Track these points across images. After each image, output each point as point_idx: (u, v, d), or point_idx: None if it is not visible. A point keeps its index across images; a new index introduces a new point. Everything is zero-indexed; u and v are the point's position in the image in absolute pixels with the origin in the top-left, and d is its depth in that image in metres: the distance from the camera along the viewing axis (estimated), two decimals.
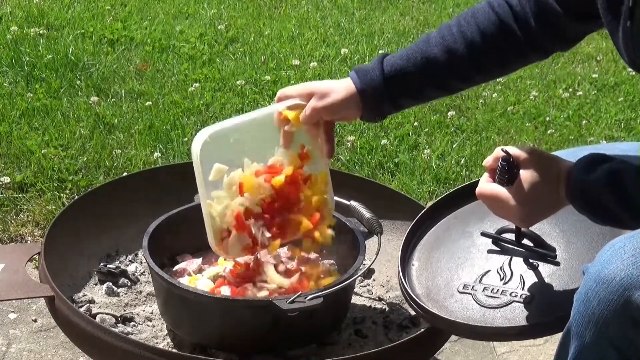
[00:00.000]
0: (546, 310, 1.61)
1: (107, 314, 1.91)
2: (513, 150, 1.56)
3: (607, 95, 3.91)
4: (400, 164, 3.14)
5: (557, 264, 1.66)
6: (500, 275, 1.69)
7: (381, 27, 4.51)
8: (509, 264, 1.70)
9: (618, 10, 1.50)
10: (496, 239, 1.73)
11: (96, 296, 1.97)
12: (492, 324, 1.63)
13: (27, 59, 3.62)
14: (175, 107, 3.41)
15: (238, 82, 3.64)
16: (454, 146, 3.30)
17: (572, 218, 1.62)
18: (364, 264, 1.93)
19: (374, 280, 2.09)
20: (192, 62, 3.86)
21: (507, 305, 1.64)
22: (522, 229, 1.68)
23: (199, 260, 1.96)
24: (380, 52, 4.16)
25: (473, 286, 1.70)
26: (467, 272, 1.73)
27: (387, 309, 1.99)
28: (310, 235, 1.85)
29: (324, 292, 1.74)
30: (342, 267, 1.97)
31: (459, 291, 1.71)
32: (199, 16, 4.42)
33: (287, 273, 1.86)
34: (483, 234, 1.74)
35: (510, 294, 1.65)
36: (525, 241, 1.70)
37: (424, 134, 3.37)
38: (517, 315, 1.62)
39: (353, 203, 1.99)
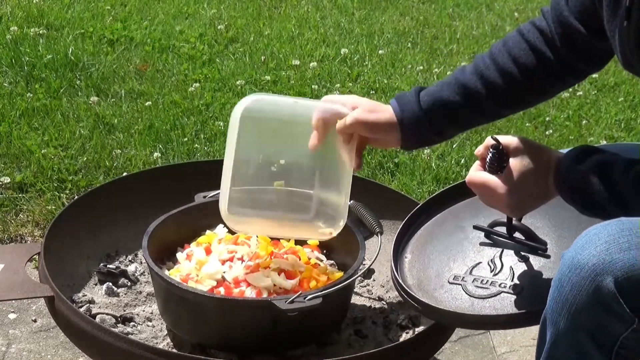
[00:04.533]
0: (534, 300, 1.61)
1: (107, 314, 1.91)
2: (503, 138, 1.57)
3: (607, 95, 3.91)
4: (400, 164, 3.14)
5: (548, 257, 1.67)
6: (490, 267, 1.71)
7: (381, 27, 4.51)
8: (500, 257, 1.72)
9: (618, 13, 1.51)
10: (488, 232, 1.74)
11: (96, 296, 1.97)
12: (479, 312, 1.64)
13: (27, 59, 3.62)
14: (175, 107, 3.41)
15: (238, 82, 3.64)
16: (454, 146, 3.30)
17: (565, 213, 1.63)
18: (364, 264, 1.93)
19: (374, 280, 2.09)
20: (192, 62, 3.86)
21: (495, 295, 1.65)
22: (513, 222, 1.69)
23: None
24: (380, 52, 4.16)
25: (463, 277, 1.71)
26: (458, 264, 1.75)
27: (387, 309, 1.99)
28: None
29: (323, 292, 1.74)
30: (342, 267, 1.97)
31: (449, 282, 1.72)
32: (199, 16, 4.42)
33: (288, 274, 1.86)
34: (475, 227, 1.75)
35: (500, 285, 1.67)
36: (517, 235, 1.71)
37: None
38: (506, 305, 1.63)
39: (353, 203, 1.99)
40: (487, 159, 1.58)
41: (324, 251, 2.02)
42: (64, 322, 1.78)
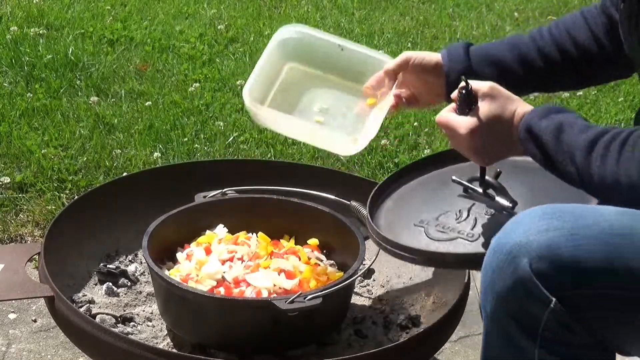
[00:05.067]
0: (486, 247, 1.64)
1: (107, 314, 1.91)
2: (475, 82, 1.59)
3: (607, 95, 3.91)
4: (400, 164, 3.14)
5: (514, 214, 1.69)
6: (456, 216, 1.74)
7: (381, 27, 4.51)
8: (469, 209, 1.75)
9: None
10: (464, 186, 1.77)
11: (96, 296, 1.97)
12: (430, 249, 1.69)
13: (27, 59, 3.62)
14: (175, 107, 3.41)
15: (238, 82, 3.64)
16: None
17: (549, 184, 1.65)
18: (364, 264, 1.93)
19: (374, 280, 2.09)
20: (192, 62, 3.86)
21: (452, 240, 1.70)
22: (488, 178, 1.72)
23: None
24: (380, 52, 4.15)
25: (428, 222, 1.75)
26: (429, 211, 1.79)
27: (387, 309, 1.99)
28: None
29: (323, 292, 1.74)
30: (342, 267, 1.98)
31: (414, 224, 1.76)
32: (199, 16, 4.42)
33: (288, 274, 1.86)
34: (454, 180, 1.78)
35: (459, 232, 1.71)
36: (491, 192, 1.75)
37: (424, 134, 3.37)
38: (458, 248, 1.68)
39: (353, 203, 1.99)
40: (457, 100, 1.60)
41: (324, 251, 2.02)
42: (64, 322, 1.78)
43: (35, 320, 2.33)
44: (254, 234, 2.00)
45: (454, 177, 1.78)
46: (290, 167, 2.35)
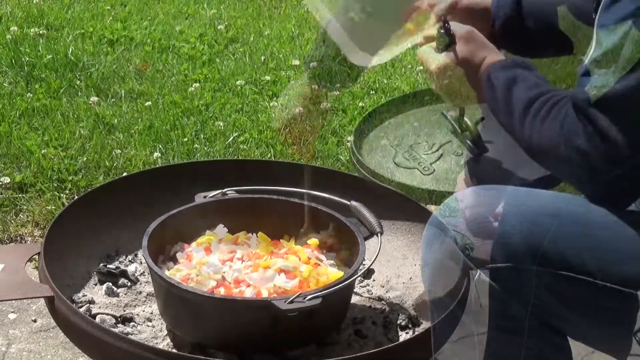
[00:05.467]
0: (430, 185, 1.76)
1: (107, 314, 1.91)
2: (456, 24, 1.63)
3: None
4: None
5: (477, 162, 1.76)
6: (427, 148, 1.83)
7: None
8: (443, 145, 1.83)
9: None
10: (451, 124, 1.83)
11: (96, 296, 1.97)
12: (384, 174, 1.78)
13: (27, 59, 3.62)
14: (175, 107, 3.41)
15: (238, 82, 3.64)
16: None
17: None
18: (364, 264, 1.93)
19: (374, 280, 2.09)
20: (192, 62, 3.86)
21: (409, 168, 1.79)
22: (467, 121, 1.77)
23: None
24: None
25: (402, 146, 1.84)
26: (411, 136, 1.86)
27: (387, 309, 1.99)
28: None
29: (323, 292, 1.74)
30: (342, 267, 1.97)
31: (390, 145, 1.85)
32: (198, 16, 4.42)
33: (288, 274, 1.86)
34: (442, 115, 1.85)
35: (419, 163, 1.78)
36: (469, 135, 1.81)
37: (423, 134, 3.36)
38: (406, 178, 1.76)
39: (353, 203, 1.99)
40: (437, 38, 1.66)
41: (324, 251, 2.02)
42: (64, 322, 1.78)
43: (35, 320, 2.33)
44: (254, 234, 2.00)
45: (444, 112, 1.84)
46: (290, 167, 2.35)
